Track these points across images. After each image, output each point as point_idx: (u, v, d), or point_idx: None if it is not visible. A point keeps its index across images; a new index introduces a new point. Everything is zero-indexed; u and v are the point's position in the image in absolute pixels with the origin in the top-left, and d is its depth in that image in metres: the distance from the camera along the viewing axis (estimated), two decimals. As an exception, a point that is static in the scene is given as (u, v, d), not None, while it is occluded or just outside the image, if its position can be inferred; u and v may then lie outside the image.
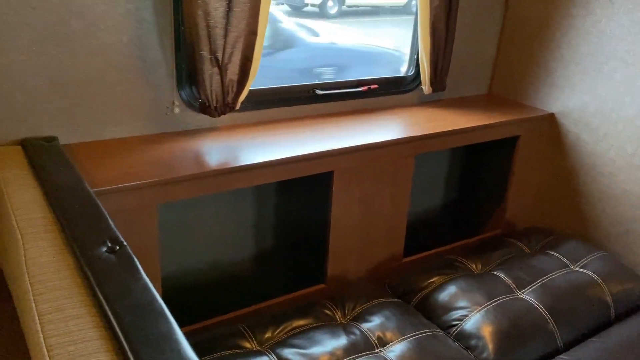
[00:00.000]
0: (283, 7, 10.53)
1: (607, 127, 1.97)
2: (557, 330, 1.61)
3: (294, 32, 3.21)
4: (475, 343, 1.54)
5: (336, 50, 3.54)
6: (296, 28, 3.40)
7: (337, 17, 9.66)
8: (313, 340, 1.43)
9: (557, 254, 1.91)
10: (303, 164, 1.58)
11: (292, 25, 3.38)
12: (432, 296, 1.71)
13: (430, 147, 1.88)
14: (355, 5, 10.39)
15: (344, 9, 9.79)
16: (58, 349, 0.74)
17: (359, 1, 10.26)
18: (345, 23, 8.92)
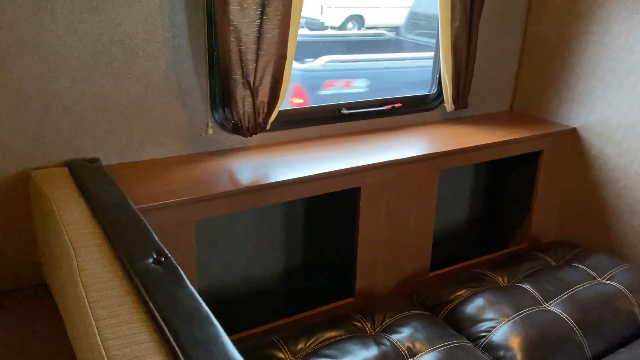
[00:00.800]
0: (302, 30, 10.67)
1: (630, 140, 1.99)
2: (585, 342, 1.62)
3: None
4: (503, 354, 1.57)
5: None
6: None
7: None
8: (344, 350, 1.48)
9: (583, 266, 1.92)
10: (330, 180, 1.65)
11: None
12: (459, 308, 1.74)
13: (455, 162, 1.93)
14: (374, 27, 10.54)
15: (363, 30, 9.91)
16: (115, 351, 0.80)
17: (378, 22, 10.41)
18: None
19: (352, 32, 7.75)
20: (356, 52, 4.66)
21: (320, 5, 9.23)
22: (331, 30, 9.77)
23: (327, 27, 9.77)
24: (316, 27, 9.90)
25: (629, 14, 1.93)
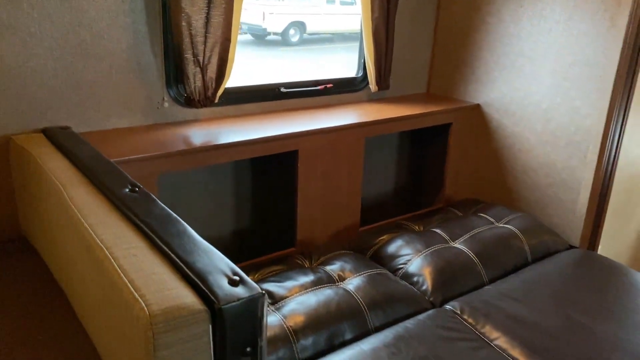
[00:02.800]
0: (246, 36, 10.85)
1: (521, 112, 2.41)
2: (482, 270, 2.00)
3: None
4: (417, 280, 1.92)
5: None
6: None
7: (299, 45, 10.11)
8: (287, 277, 1.79)
9: (485, 215, 2.32)
10: (272, 143, 1.95)
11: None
12: (382, 249, 2.08)
13: (378, 131, 2.28)
14: (316, 33, 10.89)
15: (305, 37, 10.26)
16: (124, 260, 1.05)
17: (319, 29, 10.78)
18: (307, 50, 9.38)
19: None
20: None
21: (262, 11, 9.48)
22: (273, 36, 10.04)
23: (269, 33, 10.04)
24: (259, 33, 10.15)
25: (515, 6, 2.34)
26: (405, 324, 1.69)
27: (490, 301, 1.83)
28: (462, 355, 1.57)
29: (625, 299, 1.89)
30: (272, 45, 9.44)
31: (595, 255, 2.20)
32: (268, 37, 9.57)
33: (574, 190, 2.27)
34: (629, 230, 2.66)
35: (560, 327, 1.71)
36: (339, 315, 1.65)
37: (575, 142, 2.23)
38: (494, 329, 1.70)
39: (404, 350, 1.56)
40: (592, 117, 2.15)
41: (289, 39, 9.32)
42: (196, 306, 0.91)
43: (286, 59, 9.04)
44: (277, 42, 9.34)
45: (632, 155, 2.41)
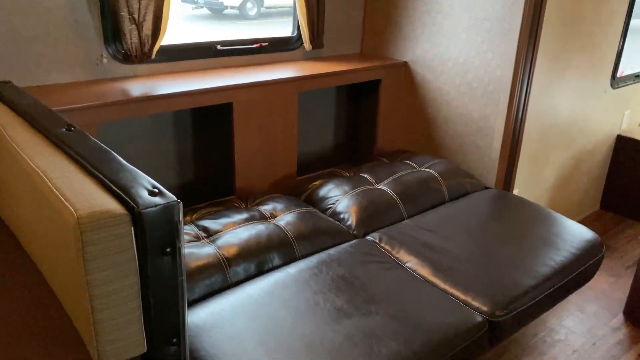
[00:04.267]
0: (203, 10, 10.80)
1: (442, 67, 2.61)
2: (403, 207, 2.21)
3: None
4: (343, 217, 2.12)
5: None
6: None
7: (257, 19, 10.10)
8: (222, 215, 1.96)
9: (409, 162, 2.53)
10: (207, 95, 2.10)
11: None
12: (314, 192, 2.27)
13: (310, 86, 2.45)
14: (273, 7, 10.87)
15: (263, 10, 10.25)
16: (57, 180, 1.19)
17: (277, 3, 10.77)
18: (265, 24, 9.39)
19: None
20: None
21: (219, -15, 9.39)
22: (231, 10, 9.99)
23: (226, 7, 9.99)
24: (216, 7, 10.08)
25: (435, -32, 2.53)
26: (328, 252, 1.89)
27: (407, 232, 2.05)
28: (376, 274, 1.78)
29: (526, 227, 2.14)
30: (229, 20, 9.43)
31: (506, 194, 2.45)
32: (225, 11, 9.54)
33: (489, 137, 2.50)
34: (545, 175, 2.92)
35: (466, 252, 1.95)
36: (268, 246, 1.84)
37: (489, 92, 2.45)
38: (407, 253, 1.92)
39: (325, 271, 1.76)
40: (502, 68, 2.37)
41: (247, 13, 9.32)
42: (119, 211, 1.07)
43: (244, 33, 9.06)
44: (235, 16, 9.33)
45: (543, 106, 2.66)
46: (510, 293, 1.73)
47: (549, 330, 2.37)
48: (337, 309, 1.59)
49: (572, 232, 2.11)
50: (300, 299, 1.62)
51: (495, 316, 1.65)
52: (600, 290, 2.68)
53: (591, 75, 2.89)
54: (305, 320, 1.53)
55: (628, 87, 3.25)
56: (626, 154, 3.35)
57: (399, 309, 1.62)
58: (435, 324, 1.57)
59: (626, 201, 3.40)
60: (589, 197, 3.38)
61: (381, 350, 1.44)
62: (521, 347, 2.26)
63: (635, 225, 3.34)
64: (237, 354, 1.40)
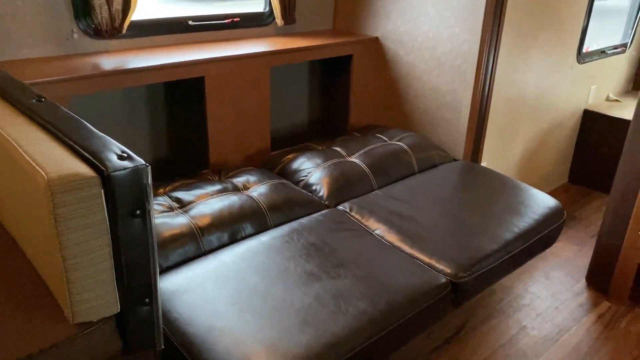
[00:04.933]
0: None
1: (412, 42, 2.66)
2: (373, 179, 2.28)
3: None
4: (315, 188, 2.18)
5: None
6: None
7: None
8: (195, 187, 2.00)
9: (381, 135, 2.59)
10: (179, 69, 2.12)
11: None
12: (287, 165, 2.32)
13: (282, 60, 2.48)
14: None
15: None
16: (28, 147, 1.22)
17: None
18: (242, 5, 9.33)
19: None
20: None
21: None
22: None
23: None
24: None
25: (404, -56, 2.56)
26: (300, 221, 1.95)
27: (377, 202, 2.11)
28: (346, 241, 1.84)
29: (491, 196, 2.22)
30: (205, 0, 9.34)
31: (474, 165, 2.53)
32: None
33: (457, 110, 2.57)
34: (513, 149, 3.01)
35: (433, 219, 2.02)
36: (241, 215, 1.89)
37: (456, 66, 2.51)
38: (376, 221, 1.99)
39: (296, 238, 1.82)
40: (469, 43, 2.43)
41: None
42: (89, 173, 1.11)
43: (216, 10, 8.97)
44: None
45: (510, 81, 2.73)
46: (473, 256, 1.81)
47: (515, 296, 2.47)
48: (307, 273, 1.65)
49: (536, 199, 2.20)
50: (272, 265, 1.68)
51: (458, 277, 1.73)
52: (565, 258, 2.78)
53: (558, 50, 2.97)
54: (276, 283, 1.59)
55: (594, 62, 3.34)
56: (593, 128, 3.46)
57: (367, 272, 1.68)
58: (400, 285, 1.64)
59: (593, 174, 3.51)
60: (557, 170, 3.49)
61: (348, 309, 1.51)
62: (488, 311, 2.35)
63: (602, 197, 3.46)
64: (209, 315, 1.45)
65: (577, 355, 2.13)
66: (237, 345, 1.35)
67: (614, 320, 2.34)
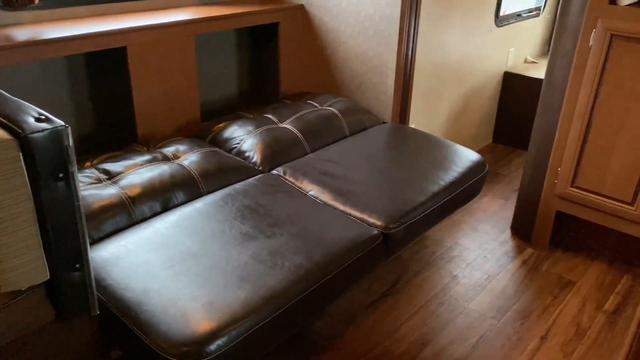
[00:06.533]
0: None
1: (337, 8, 2.69)
2: (305, 143, 2.31)
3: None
4: (248, 154, 2.19)
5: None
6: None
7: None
8: (124, 158, 1.97)
9: (311, 101, 2.62)
10: (99, 39, 2.06)
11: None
12: (219, 134, 2.31)
13: (206, 28, 2.44)
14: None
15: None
16: None
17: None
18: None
19: None
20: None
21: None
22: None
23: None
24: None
25: None
26: (234, 186, 1.96)
27: (310, 164, 2.15)
28: (281, 202, 1.87)
29: (419, 154, 2.31)
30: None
31: (402, 126, 2.61)
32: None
33: (384, 74, 2.64)
34: (439, 111, 3.13)
35: (364, 177, 2.08)
36: (172, 184, 1.87)
37: (380, 30, 2.57)
38: (310, 183, 2.03)
39: (230, 203, 1.83)
40: (391, 6, 2.49)
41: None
42: (4, 137, 1.07)
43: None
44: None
45: (432, 44, 2.82)
46: (402, 209, 1.89)
47: (446, 249, 2.60)
48: (242, 234, 1.67)
49: (459, 154, 2.31)
50: (206, 228, 1.69)
51: (389, 229, 1.80)
52: (491, 212, 2.94)
53: (476, 14, 3.09)
54: (211, 245, 1.61)
55: (511, 25, 3.50)
56: (513, 89, 3.64)
57: (302, 229, 1.72)
58: (334, 239, 1.69)
59: (514, 133, 3.70)
60: (481, 130, 3.65)
61: (284, 264, 1.55)
62: (421, 264, 2.46)
63: (523, 154, 3.66)
64: (144, 279, 1.45)
65: (504, 297, 2.28)
66: (174, 304, 1.36)
67: (537, 264, 2.51)
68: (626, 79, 2.10)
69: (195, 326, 1.32)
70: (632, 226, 2.26)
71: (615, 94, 2.14)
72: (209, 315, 1.35)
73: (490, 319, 2.15)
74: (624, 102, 2.13)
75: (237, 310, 1.38)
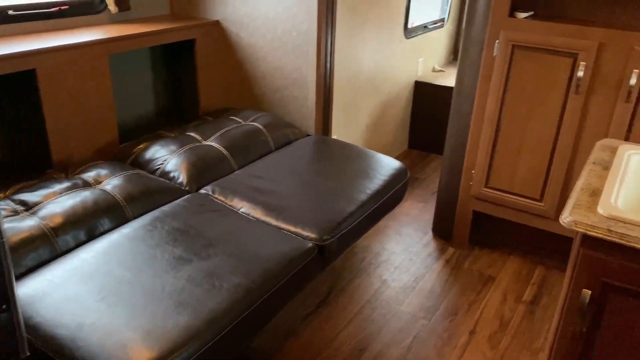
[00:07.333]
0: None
1: (253, 24, 2.71)
2: (232, 160, 2.30)
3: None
4: (173, 175, 2.14)
5: None
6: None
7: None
8: (40, 187, 1.86)
9: (234, 117, 2.61)
10: (4, 62, 1.93)
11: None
12: (140, 155, 2.25)
13: (120, 47, 2.37)
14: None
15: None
16: None
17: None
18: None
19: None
20: None
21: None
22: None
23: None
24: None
25: None
26: (162, 209, 1.91)
27: (238, 181, 2.15)
28: (212, 222, 1.85)
29: (344, 164, 2.37)
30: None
31: (326, 138, 2.67)
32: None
33: (304, 88, 2.68)
34: (358, 121, 3.22)
35: (293, 190, 2.11)
36: (97, 211, 1.80)
37: (298, 45, 2.61)
38: (240, 200, 2.02)
39: (160, 226, 1.79)
40: (307, 22, 2.54)
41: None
42: None
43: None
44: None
45: (349, 57, 2.91)
46: (334, 219, 1.93)
47: (374, 254, 2.67)
48: (175, 257, 1.64)
49: (382, 163, 2.40)
50: (137, 255, 1.63)
51: (323, 240, 1.84)
52: (412, 215, 3.07)
53: (387, 27, 3.22)
54: (144, 272, 1.56)
55: (419, 36, 3.68)
56: (424, 97, 3.82)
57: (237, 248, 1.72)
58: (270, 255, 1.70)
59: (428, 138, 3.89)
60: (398, 137, 3.80)
61: (223, 285, 1.53)
62: (352, 272, 2.52)
63: (438, 158, 3.85)
64: (76, 313, 1.38)
65: (432, 297, 2.38)
66: (111, 336, 1.31)
67: (459, 262, 2.65)
68: (528, 86, 2.28)
69: (136, 357, 1.27)
70: (542, 221, 2.45)
71: (519, 99, 2.32)
72: (149, 345, 1.31)
73: (422, 319, 2.24)
74: (527, 107, 2.31)
75: (179, 337, 1.35)
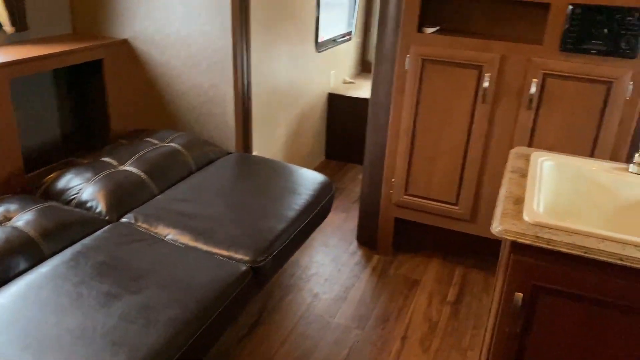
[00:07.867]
0: None
1: (164, 42, 2.63)
2: (152, 184, 2.21)
3: None
4: (91, 205, 2.02)
5: None
6: None
7: None
8: (-61, 229, 1.68)
9: (150, 139, 2.52)
10: None
11: None
12: (51, 186, 2.10)
13: (22, 71, 2.20)
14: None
15: None
16: None
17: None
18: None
19: None
20: None
21: None
22: None
23: None
24: None
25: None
26: (82, 242, 1.80)
27: (161, 206, 2.07)
28: (139, 253, 1.77)
29: (269, 181, 2.36)
30: None
31: (248, 155, 2.64)
32: None
33: (222, 105, 2.64)
34: (277, 135, 3.22)
35: (220, 212, 2.06)
36: (9, 250, 1.66)
37: (214, 63, 2.57)
38: (165, 227, 1.95)
39: (83, 261, 1.68)
40: (222, 40, 2.51)
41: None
42: None
43: None
44: None
45: (265, 72, 2.91)
46: (266, 239, 1.91)
47: (303, 268, 2.68)
48: (104, 294, 1.54)
49: (307, 178, 2.41)
50: (61, 295, 1.52)
51: (257, 262, 1.81)
52: (336, 225, 3.12)
53: (299, 42, 3.26)
54: (70, 313, 1.45)
55: (329, 50, 3.76)
56: (337, 108, 3.90)
57: (168, 278, 1.65)
58: (205, 283, 1.65)
59: (344, 148, 3.97)
60: (315, 149, 3.85)
61: (158, 319, 1.47)
62: (283, 288, 2.51)
63: (355, 167, 3.94)
64: (-2, 368, 1.26)
65: (364, 305, 2.43)
66: (44, 390, 1.21)
67: (385, 269, 2.72)
68: (439, 97, 2.40)
69: (72, 409, 1.18)
70: (459, 223, 2.58)
71: (432, 110, 2.43)
72: (85, 393, 1.22)
73: (355, 329, 2.28)
74: (440, 117, 2.43)
75: (117, 380, 1.27)
